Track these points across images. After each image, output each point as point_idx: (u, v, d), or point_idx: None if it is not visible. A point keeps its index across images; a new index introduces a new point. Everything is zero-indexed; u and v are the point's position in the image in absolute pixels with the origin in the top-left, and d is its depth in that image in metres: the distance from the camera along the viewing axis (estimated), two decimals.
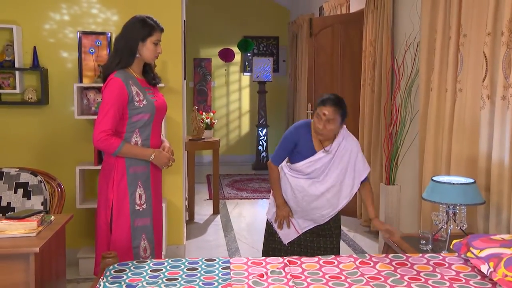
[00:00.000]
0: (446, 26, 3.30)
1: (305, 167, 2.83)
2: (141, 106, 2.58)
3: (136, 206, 2.61)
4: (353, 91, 5.28)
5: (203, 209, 5.78)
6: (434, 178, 2.73)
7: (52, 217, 2.50)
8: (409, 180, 4.14)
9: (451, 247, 2.41)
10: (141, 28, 2.60)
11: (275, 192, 2.95)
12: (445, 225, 2.71)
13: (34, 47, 3.79)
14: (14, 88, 3.76)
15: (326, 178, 2.83)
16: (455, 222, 2.66)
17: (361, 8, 5.09)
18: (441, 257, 2.35)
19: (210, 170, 8.24)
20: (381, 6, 4.49)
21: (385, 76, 4.44)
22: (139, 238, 2.64)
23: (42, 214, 2.42)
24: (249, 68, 8.92)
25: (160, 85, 3.55)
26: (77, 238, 3.87)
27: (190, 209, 5.34)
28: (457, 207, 2.64)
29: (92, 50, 3.85)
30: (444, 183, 2.65)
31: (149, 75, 2.76)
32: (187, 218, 5.23)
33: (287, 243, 2.96)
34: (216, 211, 5.62)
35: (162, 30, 2.69)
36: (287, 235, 2.96)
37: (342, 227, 5.07)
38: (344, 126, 2.86)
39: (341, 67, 5.45)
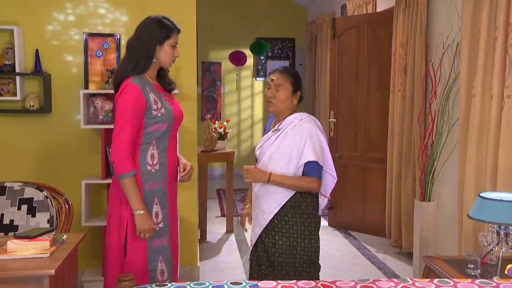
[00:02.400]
0: (491, 25, 3.27)
1: (256, 150, 2.85)
2: (159, 115, 2.56)
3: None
4: (381, 97, 5.26)
5: (215, 227, 5.76)
6: (482, 195, 2.68)
7: (65, 236, 2.49)
8: (447, 196, 4.09)
9: (505, 272, 2.35)
10: (158, 30, 2.59)
11: None
12: (495, 247, 2.66)
13: (36, 50, 3.80)
14: (15, 95, 3.76)
15: (262, 158, 2.77)
16: (507, 244, 2.61)
17: (390, 7, 5.08)
18: (494, 284, 2.29)
19: (220, 184, 8.31)
20: (414, 4, 4.47)
21: (419, 81, 4.41)
22: (156, 260, 2.62)
23: (54, 232, 2.42)
24: (262, 73, 8.93)
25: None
26: (82, 259, 3.81)
27: (202, 227, 5.31)
28: (510, 227, 2.59)
29: (99, 53, 3.86)
30: (494, 200, 2.60)
31: (165, 81, 2.75)
32: (199, 237, 5.19)
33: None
34: (229, 230, 5.59)
35: (179, 31, 2.68)
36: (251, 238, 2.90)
37: (370, 248, 5.04)
38: (307, 115, 2.76)
39: (367, 72, 5.43)
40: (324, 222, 5.92)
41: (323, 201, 2.81)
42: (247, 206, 2.98)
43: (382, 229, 5.19)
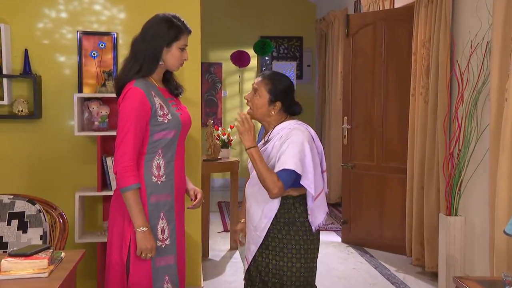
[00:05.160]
0: None
1: (249, 162, 2.76)
2: (166, 121, 2.55)
3: (158, 242, 2.57)
4: (400, 101, 5.25)
5: (218, 244, 5.74)
6: None
7: (63, 254, 2.48)
8: (476, 210, 4.07)
9: None
10: (166, 31, 2.57)
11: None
12: None
13: (26, 50, 3.79)
14: (2, 98, 3.76)
15: (253, 173, 2.71)
16: None
17: (410, 2, 5.09)
18: None
19: (221, 196, 8.28)
20: None
21: (443, 84, 4.40)
22: (161, 281, 2.59)
23: (51, 250, 2.41)
24: None
25: None
26: (76, 279, 3.81)
27: (204, 244, 5.27)
28: None
29: (94, 53, 3.85)
30: None
31: (172, 84, 2.75)
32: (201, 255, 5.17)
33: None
34: (234, 246, 5.57)
35: (190, 32, 2.67)
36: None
37: (388, 267, 5.01)
38: (298, 122, 2.70)
39: (385, 73, 5.43)
40: (337, 238, 5.90)
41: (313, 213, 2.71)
42: (241, 221, 2.96)
43: (401, 246, 5.15)
